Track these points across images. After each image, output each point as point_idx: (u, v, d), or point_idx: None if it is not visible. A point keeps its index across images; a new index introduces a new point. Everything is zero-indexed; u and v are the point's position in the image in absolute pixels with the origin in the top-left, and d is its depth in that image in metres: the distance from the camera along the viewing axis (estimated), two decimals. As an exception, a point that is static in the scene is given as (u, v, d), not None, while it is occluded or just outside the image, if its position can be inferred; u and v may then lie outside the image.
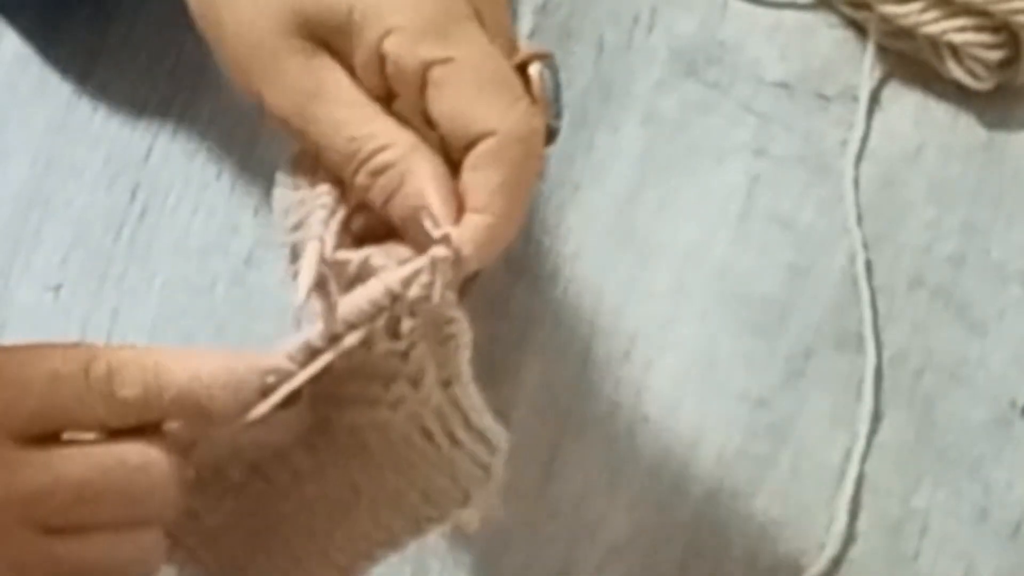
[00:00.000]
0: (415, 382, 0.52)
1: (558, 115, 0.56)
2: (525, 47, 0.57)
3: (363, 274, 0.52)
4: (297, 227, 0.54)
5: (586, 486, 0.69)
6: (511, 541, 0.68)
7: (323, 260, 0.51)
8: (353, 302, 0.51)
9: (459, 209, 0.53)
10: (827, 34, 0.75)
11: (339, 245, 0.53)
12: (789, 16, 0.76)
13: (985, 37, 0.72)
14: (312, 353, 0.50)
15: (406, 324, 0.51)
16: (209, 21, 0.56)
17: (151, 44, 0.74)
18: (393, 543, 0.56)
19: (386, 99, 0.54)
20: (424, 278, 0.50)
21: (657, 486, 0.69)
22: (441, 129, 0.53)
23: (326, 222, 0.53)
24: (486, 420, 0.55)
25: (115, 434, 0.50)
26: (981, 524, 0.69)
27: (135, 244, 0.72)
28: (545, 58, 0.56)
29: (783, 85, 0.74)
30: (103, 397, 0.49)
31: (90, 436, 0.50)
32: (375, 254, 0.52)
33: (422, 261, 0.50)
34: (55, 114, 0.74)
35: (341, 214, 0.54)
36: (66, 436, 0.50)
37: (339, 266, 0.51)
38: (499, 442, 0.55)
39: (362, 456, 0.54)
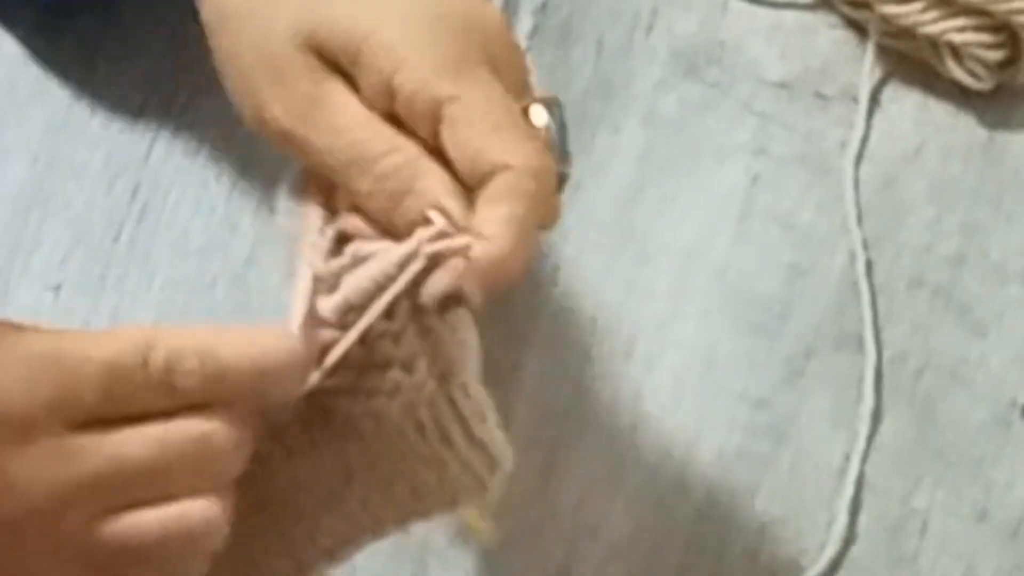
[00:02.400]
0: (407, 366, 0.52)
1: (564, 159, 0.56)
2: (536, 93, 0.57)
3: (357, 264, 0.52)
4: (293, 255, 0.54)
5: (586, 486, 0.69)
6: (511, 541, 0.68)
7: (316, 276, 0.52)
8: (358, 280, 0.51)
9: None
10: (827, 34, 0.75)
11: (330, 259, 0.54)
12: (789, 16, 0.76)
13: (985, 37, 0.72)
14: (347, 313, 0.51)
15: (402, 305, 0.51)
16: (224, 32, 0.57)
17: (151, 44, 0.74)
18: (378, 531, 0.56)
19: (392, 125, 0.55)
20: (424, 252, 0.51)
21: (657, 486, 0.69)
22: (456, 163, 0.53)
23: (316, 243, 0.54)
24: (489, 432, 0.55)
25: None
26: (981, 524, 0.69)
27: (135, 244, 0.72)
28: (551, 103, 0.56)
29: (783, 85, 0.74)
30: (162, 387, 0.49)
31: None
32: (360, 247, 0.53)
33: (415, 240, 0.51)
34: (55, 114, 0.74)
35: (331, 232, 0.54)
36: None
37: (332, 275, 0.52)
38: (501, 458, 0.55)
39: (356, 441, 0.54)
